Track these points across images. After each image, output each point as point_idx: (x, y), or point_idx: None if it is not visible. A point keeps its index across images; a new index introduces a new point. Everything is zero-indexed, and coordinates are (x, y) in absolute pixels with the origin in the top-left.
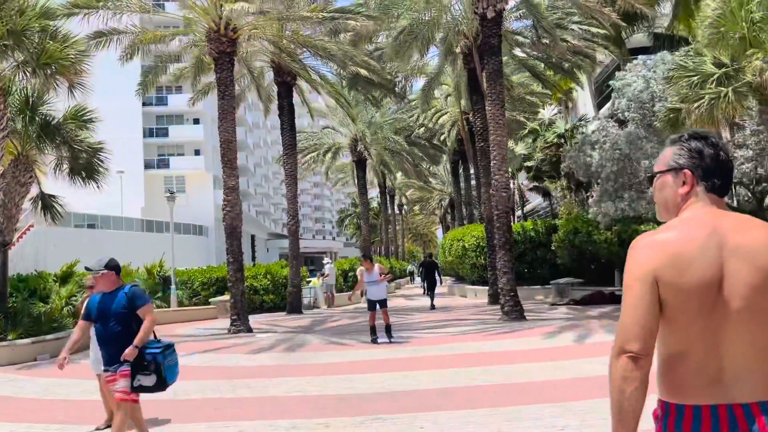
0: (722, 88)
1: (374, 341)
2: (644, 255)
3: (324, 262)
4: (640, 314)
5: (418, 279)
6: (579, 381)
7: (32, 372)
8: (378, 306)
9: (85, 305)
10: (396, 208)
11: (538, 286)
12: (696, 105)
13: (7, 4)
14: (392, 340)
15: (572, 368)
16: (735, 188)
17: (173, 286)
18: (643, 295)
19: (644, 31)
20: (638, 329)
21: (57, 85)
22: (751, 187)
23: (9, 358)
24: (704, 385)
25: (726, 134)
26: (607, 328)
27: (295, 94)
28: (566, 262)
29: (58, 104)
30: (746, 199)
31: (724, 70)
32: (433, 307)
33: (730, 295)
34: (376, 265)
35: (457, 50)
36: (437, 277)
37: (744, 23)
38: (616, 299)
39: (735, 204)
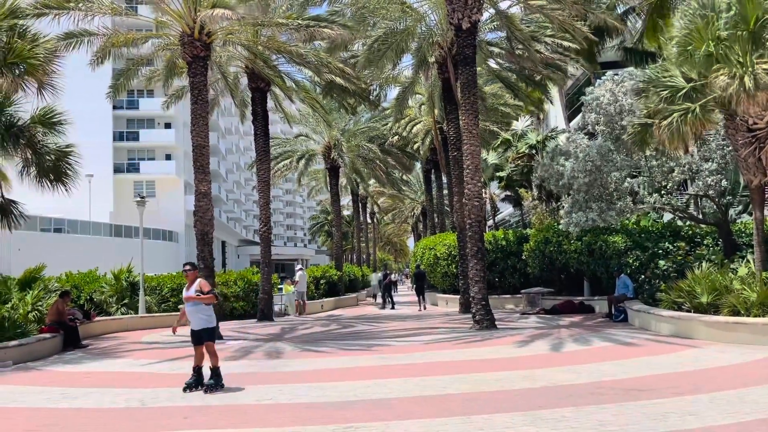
0: (690, 104)
1: (187, 386)
2: None
3: (296, 269)
4: None
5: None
6: (550, 390)
7: None
8: (196, 339)
9: None
10: (368, 216)
11: (509, 295)
12: (667, 121)
13: None
14: (209, 391)
15: (543, 377)
16: (700, 200)
17: (141, 292)
18: None
19: (615, 46)
20: None
21: (25, 85)
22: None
23: None
24: None
25: (692, 148)
26: (577, 338)
27: (269, 100)
28: (537, 271)
29: (26, 106)
30: (712, 211)
31: (691, 85)
32: (424, 308)
33: None
34: (199, 280)
35: (432, 60)
36: (425, 285)
37: (711, 41)
38: (585, 308)
39: (701, 216)
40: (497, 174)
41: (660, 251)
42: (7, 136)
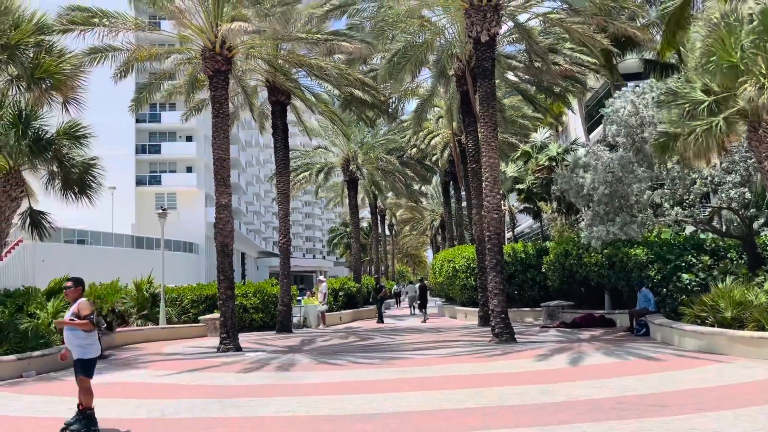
0: (713, 118)
1: (66, 426)
2: None
3: (320, 280)
4: None
5: (405, 301)
6: (570, 404)
7: (17, 389)
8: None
9: None
10: (387, 228)
11: (528, 308)
12: (691, 136)
13: (1, 18)
14: None
15: (564, 391)
16: (723, 213)
17: (162, 303)
18: None
19: (635, 58)
20: None
21: (51, 99)
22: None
23: None
24: None
25: (715, 160)
26: (600, 351)
27: (289, 113)
28: (556, 284)
29: (51, 119)
30: (735, 224)
31: (713, 97)
32: (424, 321)
33: None
34: (79, 302)
35: (450, 73)
36: (428, 297)
37: (734, 51)
38: (606, 322)
39: (724, 229)
40: (516, 186)
41: (683, 264)
42: (35, 149)
